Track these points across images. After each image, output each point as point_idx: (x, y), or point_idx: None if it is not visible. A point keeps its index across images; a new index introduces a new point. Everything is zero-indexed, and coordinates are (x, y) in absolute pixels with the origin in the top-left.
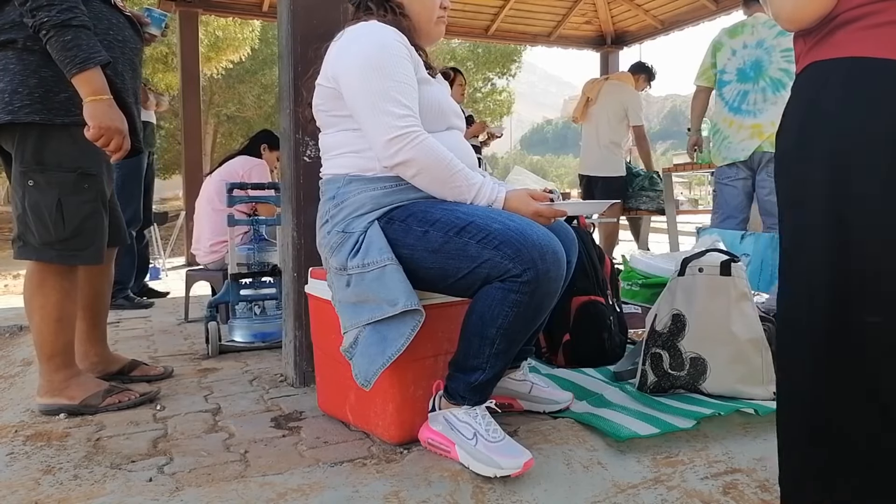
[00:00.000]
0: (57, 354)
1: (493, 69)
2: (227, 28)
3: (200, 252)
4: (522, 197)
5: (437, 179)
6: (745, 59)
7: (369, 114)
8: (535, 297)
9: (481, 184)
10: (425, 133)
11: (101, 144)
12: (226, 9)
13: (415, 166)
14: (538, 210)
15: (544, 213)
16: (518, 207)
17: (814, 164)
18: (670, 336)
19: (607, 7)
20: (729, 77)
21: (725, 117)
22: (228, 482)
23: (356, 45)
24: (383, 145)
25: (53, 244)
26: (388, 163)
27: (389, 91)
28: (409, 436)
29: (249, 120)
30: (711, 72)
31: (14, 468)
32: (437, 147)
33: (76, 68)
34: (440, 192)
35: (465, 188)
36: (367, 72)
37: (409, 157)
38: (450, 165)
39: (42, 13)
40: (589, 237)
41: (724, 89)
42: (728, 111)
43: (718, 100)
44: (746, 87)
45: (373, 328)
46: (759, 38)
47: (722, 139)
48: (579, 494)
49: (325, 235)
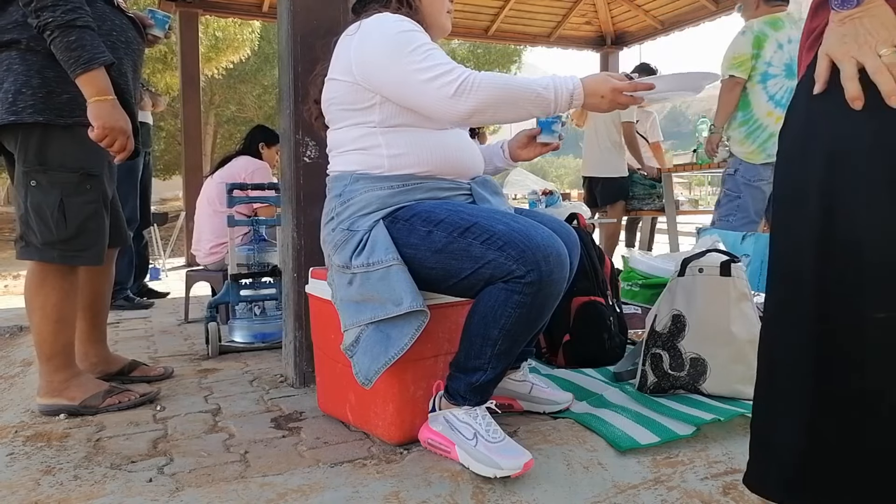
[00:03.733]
0: (57, 355)
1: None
2: (227, 28)
3: (200, 253)
4: (600, 76)
5: (512, 104)
6: (791, 54)
7: (415, 89)
8: (538, 299)
9: (553, 83)
10: (474, 73)
11: (105, 145)
12: (226, 9)
13: (486, 108)
14: (616, 86)
15: (623, 89)
16: (597, 87)
17: (811, 162)
18: (670, 336)
19: (607, 7)
20: (776, 70)
21: (771, 112)
22: (228, 483)
23: (376, 34)
24: (448, 108)
25: (55, 244)
26: (461, 119)
27: (423, 60)
28: (409, 436)
29: (250, 120)
30: (751, 63)
31: (14, 468)
32: (493, 77)
33: (80, 69)
34: (522, 115)
35: (542, 97)
36: (396, 57)
37: (475, 103)
38: (515, 86)
39: (47, 13)
40: (589, 238)
41: (770, 82)
42: (775, 106)
43: (759, 92)
44: (792, 83)
45: (376, 327)
46: (793, 36)
47: (768, 136)
48: (579, 495)
49: (329, 232)
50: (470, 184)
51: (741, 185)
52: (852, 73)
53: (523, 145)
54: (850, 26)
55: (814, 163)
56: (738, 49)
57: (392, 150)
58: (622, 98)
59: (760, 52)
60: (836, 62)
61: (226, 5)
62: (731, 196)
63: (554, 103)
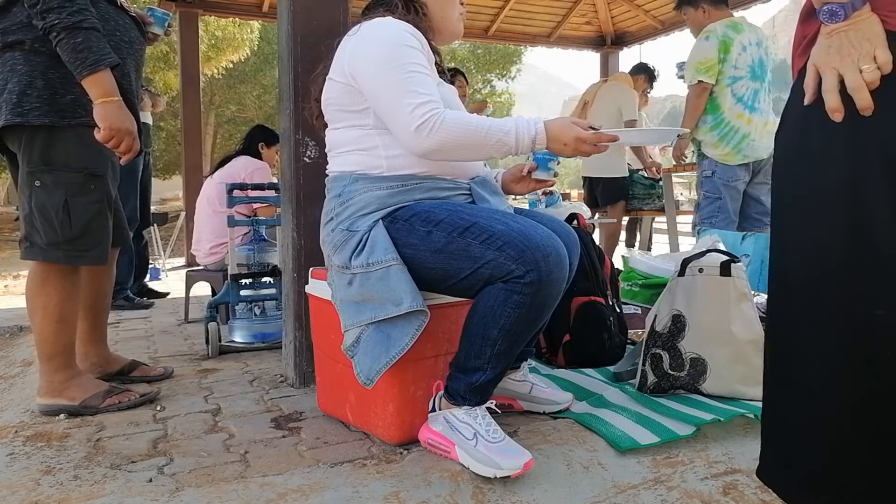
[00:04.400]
0: (57, 355)
1: (493, 70)
2: (226, 28)
3: (200, 253)
4: (564, 123)
5: (472, 147)
6: (752, 56)
7: (389, 112)
8: (538, 299)
9: (515, 127)
10: (440, 112)
11: (111, 146)
12: (226, 9)
13: (446, 148)
14: (580, 136)
15: (587, 139)
16: (560, 134)
17: (829, 162)
18: (670, 336)
19: (607, 7)
20: (741, 73)
21: (741, 114)
22: (228, 483)
23: (369, 43)
24: (409, 141)
25: (60, 244)
26: (421, 155)
27: (404, 83)
28: (409, 436)
29: (250, 120)
30: (718, 67)
31: (14, 469)
32: (457, 119)
33: (87, 70)
34: (483, 157)
35: (502, 142)
36: (382, 69)
37: (435, 143)
38: (477, 129)
39: (52, 15)
40: (589, 238)
41: (736, 85)
42: (744, 108)
43: (728, 96)
44: (756, 85)
45: (376, 327)
46: (758, 38)
47: (741, 137)
48: (579, 495)
49: (328, 233)
50: (469, 184)
51: (720, 187)
52: (832, 86)
53: (517, 180)
54: (836, 39)
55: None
56: (705, 54)
57: (390, 151)
58: (584, 147)
59: (727, 56)
60: (820, 73)
61: (226, 5)
62: (711, 198)
63: (515, 147)
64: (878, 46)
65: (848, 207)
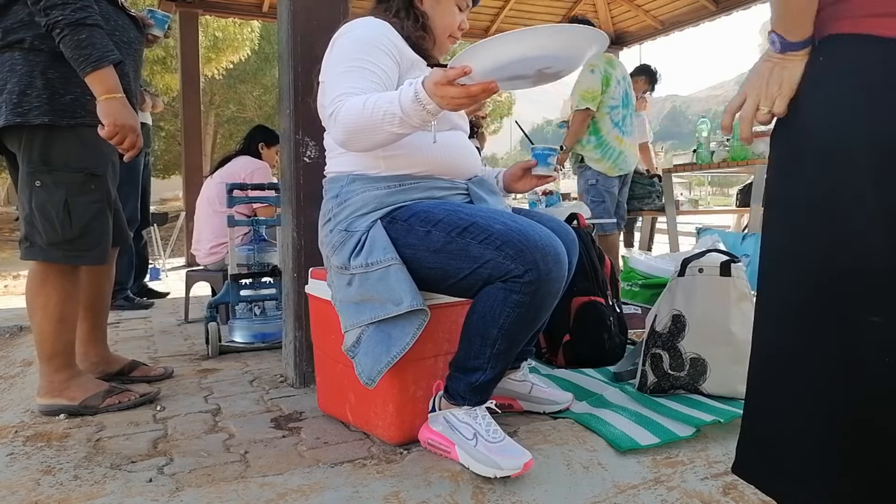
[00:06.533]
0: (57, 355)
1: None
2: (226, 28)
3: (200, 253)
4: (434, 73)
5: (370, 128)
6: (623, 88)
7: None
8: (537, 298)
9: (398, 95)
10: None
11: (115, 142)
12: (226, 9)
13: (351, 134)
14: (434, 80)
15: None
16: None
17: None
18: (670, 336)
19: (607, 7)
20: (615, 102)
21: (617, 136)
22: (228, 483)
23: (338, 41)
24: (329, 129)
25: (60, 244)
26: (342, 146)
27: (339, 77)
28: (409, 436)
29: (250, 120)
30: (600, 97)
31: (14, 469)
32: (352, 103)
33: (91, 67)
34: (391, 137)
35: (390, 113)
36: (331, 65)
37: (341, 131)
38: (365, 107)
39: (56, 12)
40: (588, 237)
41: (613, 112)
42: (619, 132)
43: (607, 121)
44: (626, 112)
45: (377, 327)
46: (624, 73)
47: (618, 154)
48: (579, 495)
49: (327, 234)
50: (467, 184)
51: (603, 192)
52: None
53: (518, 178)
54: (766, 66)
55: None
56: (591, 86)
57: (388, 151)
58: (451, 92)
59: (608, 88)
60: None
61: (226, 5)
62: (597, 201)
63: (405, 115)
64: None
65: (833, 215)
